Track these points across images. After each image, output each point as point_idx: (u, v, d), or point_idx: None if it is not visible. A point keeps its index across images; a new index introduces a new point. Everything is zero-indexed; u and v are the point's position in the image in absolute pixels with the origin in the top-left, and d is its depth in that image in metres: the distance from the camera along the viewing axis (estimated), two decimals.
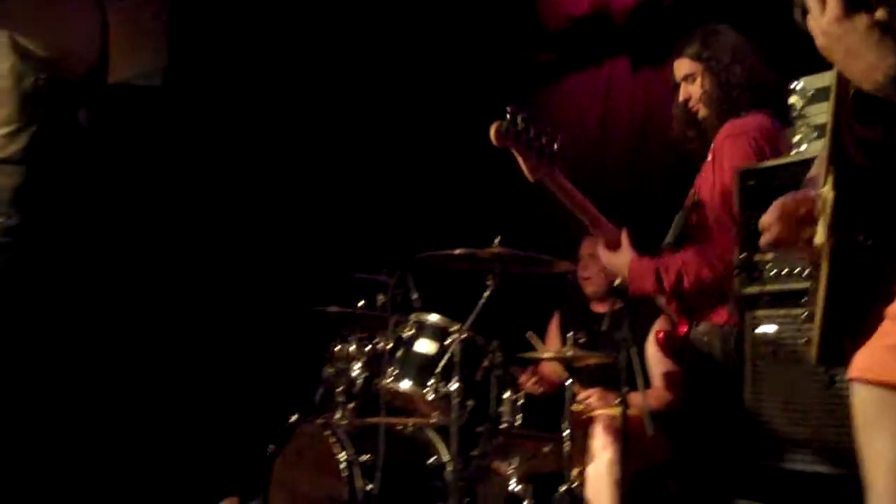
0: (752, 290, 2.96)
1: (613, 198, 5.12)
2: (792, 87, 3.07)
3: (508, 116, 3.05)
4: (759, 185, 2.93)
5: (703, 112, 3.33)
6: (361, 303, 4.14)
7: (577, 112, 5.53)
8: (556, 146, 3.17)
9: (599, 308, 4.23)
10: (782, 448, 2.85)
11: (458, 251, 3.56)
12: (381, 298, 4.12)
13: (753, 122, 3.19)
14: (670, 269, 3.16)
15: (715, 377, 3.13)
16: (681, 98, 3.38)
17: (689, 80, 3.35)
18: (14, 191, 2.32)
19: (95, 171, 2.44)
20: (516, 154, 3.14)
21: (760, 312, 2.97)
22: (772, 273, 2.91)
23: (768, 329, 2.93)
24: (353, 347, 4.09)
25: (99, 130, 2.45)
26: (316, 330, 4.31)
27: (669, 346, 3.43)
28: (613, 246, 3.31)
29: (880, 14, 1.52)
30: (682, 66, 3.37)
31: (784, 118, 3.14)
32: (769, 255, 2.90)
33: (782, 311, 2.90)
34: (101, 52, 2.43)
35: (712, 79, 3.28)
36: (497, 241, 3.53)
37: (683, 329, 3.32)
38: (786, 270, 2.88)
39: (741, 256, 2.96)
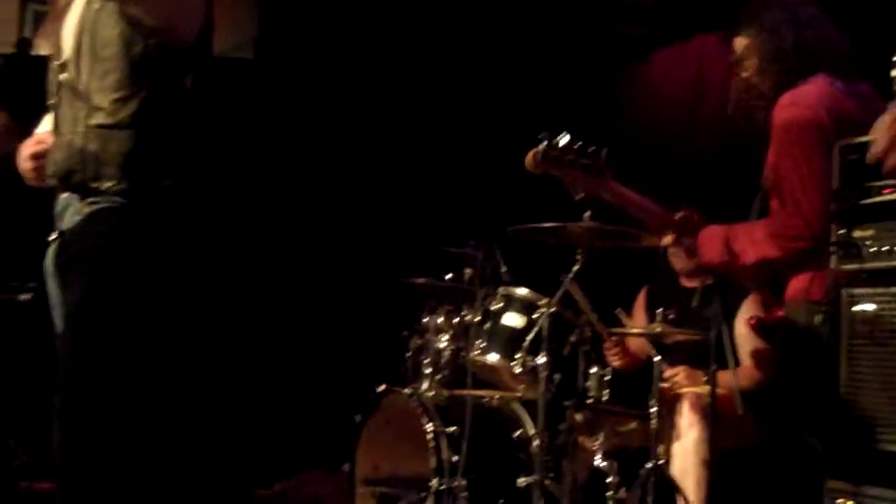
0: (851, 266, 2.90)
1: (705, 180, 5.06)
2: (895, 59, 2.99)
3: (543, 145, 2.97)
4: (860, 160, 2.87)
5: (761, 86, 3.27)
6: (449, 275, 4.17)
7: (667, 89, 5.45)
8: (602, 158, 3.09)
9: (689, 283, 4.16)
10: (877, 429, 2.80)
11: (547, 225, 3.55)
12: (468, 272, 4.14)
13: (810, 90, 3.08)
14: (738, 237, 3.10)
15: (803, 355, 3.07)
16: (741, 75, 3.32)
17: (745, 56, 3.29)
18: (124, 155, 2.38)
19: (201, 136, 2.49)
20: (559, 177, 3.08)
21: (858, 290, 2.91)
22: (872, 249, 2.85)
23: (866, 307, 2.87)
24: (440, 319, 4.12)
25: (203, 98, 2.50)
26: (404, 301, 4.35)
27: (763, 330, 3.38)
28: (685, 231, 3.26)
29: None
30: (736, 44, 3.32)
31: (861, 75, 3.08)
32: (869, 232, 2.84)
33: (881, 289, 2.84)
34: (207, 20, 2.47)
35: (760, 52, 3.21)
36: (587, 215, 3.51)
37: (779, 313, 3.26)
38: (886, 247, 2.82)
39: (840, 232, 2.90)
